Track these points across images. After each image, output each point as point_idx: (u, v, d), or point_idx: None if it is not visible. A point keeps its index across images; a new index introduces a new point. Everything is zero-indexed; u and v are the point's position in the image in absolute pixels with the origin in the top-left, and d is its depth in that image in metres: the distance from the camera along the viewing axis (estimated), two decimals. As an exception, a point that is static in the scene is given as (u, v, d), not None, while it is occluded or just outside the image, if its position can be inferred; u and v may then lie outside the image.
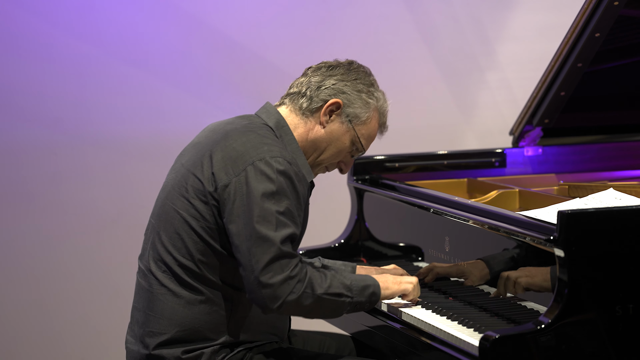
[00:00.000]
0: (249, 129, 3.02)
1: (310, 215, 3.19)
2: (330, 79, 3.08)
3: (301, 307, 2.89)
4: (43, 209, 5.19)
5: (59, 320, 5.24)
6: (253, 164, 2.89)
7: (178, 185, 2.99)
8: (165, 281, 2.95)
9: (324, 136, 3.09)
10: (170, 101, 5.29)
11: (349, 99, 3.07)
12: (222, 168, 2.92)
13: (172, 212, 2.97)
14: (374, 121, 3.12)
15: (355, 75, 3.10)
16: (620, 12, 3.71)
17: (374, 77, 3.16)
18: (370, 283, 3.02)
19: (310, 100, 3.07)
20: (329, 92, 3.07)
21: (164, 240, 2.96)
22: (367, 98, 3.09)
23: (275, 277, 2.84)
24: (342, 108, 3.07)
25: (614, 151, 4.21)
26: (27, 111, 5.13)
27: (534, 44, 5.47)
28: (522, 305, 3.01)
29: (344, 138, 3.10)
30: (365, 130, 3.11)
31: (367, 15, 5.45)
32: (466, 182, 4.03)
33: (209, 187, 2.92)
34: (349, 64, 3.13)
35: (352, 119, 3.08)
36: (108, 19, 5.18)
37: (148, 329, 2.96)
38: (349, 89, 3.07)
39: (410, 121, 5.52)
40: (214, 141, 3.00)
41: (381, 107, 3.13)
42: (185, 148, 3.11)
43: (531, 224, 2.91)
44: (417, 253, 3.60)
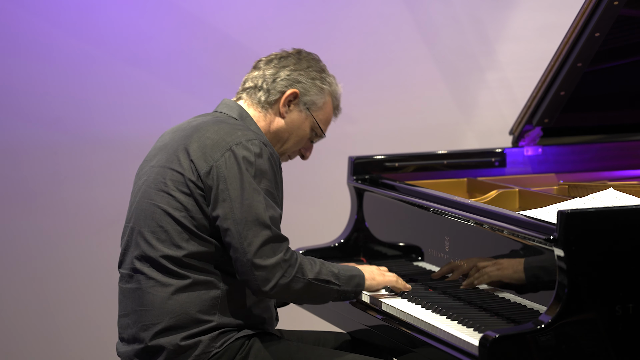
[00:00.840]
0: (218, 120, 3.08)
1: (310, 215, 3.21)
2: (283, 70, 3.17)
3: (291, 290, 2.95)
4: (43, 208, 5.19)
5: (59, 320, 5.24)
6: (230, 148, 2.95)
7: (154, 183, 3.02)
8: (152, 274, 2.97)
9: (285, 126, 3.17)
10: (171, 101, 5.29)
11: (304, 88, 3.16)
12: (201, 156, 2.97)
13: (151, 208, 3.00)
14: (329, 105, 3.22)
15: (307, 64, 3.19)
16: (620, 11, 3.71)
17: (323, 62, 3.25)
18: (356, 273, 3.11)
19: (268, 93, 3.15)
20: (285, 83, 3.16)
21: (146, 236, 2.99)
22: (320, 84, 3.18)
23: (269, 260, 2.90)
24: (299, 97, 3.16)
25: (613, 151, 4.21)
26: (28, 111, 5.14)
27: (534, 44, 5.47)
28: (522, 304, 3.01)
29: (304, 126, 3.19)
30: (322, 116, 3.21)
31: (367, 15, 5.45)
32: (466, 181, 4.03)
33: (191, 176, 2.96)
34: (297, 53, 3.22)
35: (310, 106, 3.17)
36: (109, 19, 5.18)
37: (140, 324, 2.98)
38: (303, 77, 3.16)
39: (410, 121, 5.52)
40: (185, 136, 3.05)
41: (334, 91, 3.23)
42: (149, 154, 3.16)
43: (531, 223, 2.91)
44: (417, 253, 3.61)
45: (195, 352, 2.94)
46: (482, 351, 2.68)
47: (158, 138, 3.19)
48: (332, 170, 5.27)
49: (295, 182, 5.43)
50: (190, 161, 2.97)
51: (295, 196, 5.44)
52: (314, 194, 5.46)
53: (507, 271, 3.06)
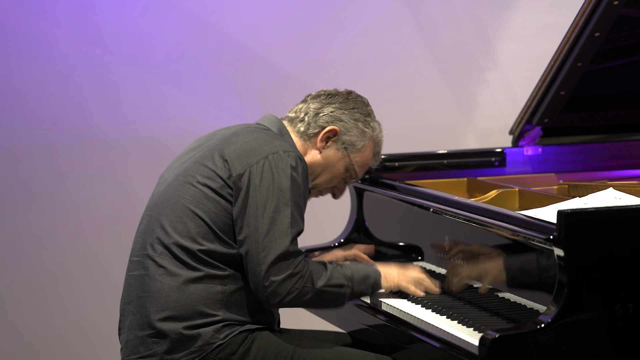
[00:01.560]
0: (256, 129, 3.12)
1: (310, 214, 3.21)
2: (328, 106, 3.19)
3: (301, 301, 2.98)
4: (43, 208, 5.19)
5: (59, 320, 5.24)
6: (267, 157, 2.97)
7: (183, 175, 3.05)
8: (163, 262, 2.99)
9: (319, 161, 3.19)
10: (171, 101, 5.29)
11: (345, 127, 3.18)
12: (236, 158, 2.99)
13: (175, 198, 3.02)
14: (369, 150, 3.24)
15: (353, 105, 3.21)
16: (620, 11, 3.72)
17: (371, 107, 3.27)
18: (372, 273, 3.13)
19: (308, 126, 3.18)
20: (326, 119, 3.18)
21: (164, 224, 3.01)
22: (363, 127, 3.21)
23: (280, 274, 2.92)
24: (339, 135, 3.18)
25: (613, 150, 4.21)
26: (28, 111, 5.14)
27: (534, 44, 5.47)
28: (521, 304, 3.01)
29: (339, 164, 3.21)
30: (359, 158, 3.23)
31: (367, 15, 5.45)
32: (466, 181, 4.03)
33: (222, 173, 2.98)
34: (347, 94, 3.24)
35: (348, 146, 3.19)
36: (109, 19, 5.18)
37: (145, 309, 3.00)
38: (346, 117, 3.18)
39: (410, 120, 5.52)
40: (222, 139, 3.08)
41: (376, 137, 3.26)
42: (181, 153, 3.18)
43: (531, 223, 2.91)
44: (416, 252, 3.61)
45: (198, 342, 2.96)
46: (482, 351, 2.68)
47: (192, 142, 3.22)
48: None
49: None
50: (225, 161, 3.00)
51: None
52: (314, 194, 5.45)
53: (506, 271, 3.07)
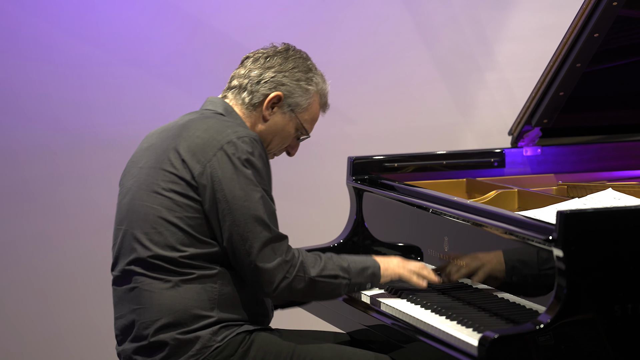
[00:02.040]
0: (206, 117, 3.07)
1: (310, 215, 3.22)
2: (268, 71, 3.15)
3: (294, 290, 2.96)
4: (43, 209, 5.19)
5: (58, 320, 5.24)
6: (222, 148, 2.94)
7: (145, 184, 3.01)
8: (149, 273, 2.97)
9: (268, 128, 3.15)
10: (171, 101, 5.29)
11: (288, 90, 3.14)
12: (192, 157, 2.95)
13: (144, 210, 2.98)
14: (315, 105, 3.20)
15: (293, 64, 3.16)
16: (619, 12, 3.72)
17: (311, 61, 3.22)
18: (370, 264, 3.12)
19: (252, 95, 3.14)
20: (269, 86, 3.14)
21: (140, 238, 2.98)
22: (306, 85, 3.16)
23: (270, 262, 2.91)
24: (283, 100, 3.14)
25: (612, 151, 4.21)
26: (28, 111, 5.14)
27: (533, 44, 5.47)
28: (521, 305, 3.02)
29: (288, 127, 3.17)
30: (307, 116, 3.19)
31: (366, 15, 5.45)
32: (465, 182, 4.03)
33: (184, 175, 2.95)
34: (285, 51, 3.20)
35: (294, 108, 3.15)
36: (108, 19, 5.19)
37: (140, 322, 2.98)
38: (287, 79, 3.14)
39: (410, 121, 5.52)
40: (173, 136, 3.03)
41: (321, 90, 3.21)
42: (134, 155, 3.14)
43: (530, 224, 2.91)
44: (416, 253, 3.61)
45: (196, 346, 2.94)
46: (481, 351, 2.68)
47: (142, 139, 3.17)
48: (332, 171, 5.27)
49: (294, 182, 5.43)
50: (182, 161, 2.96)
51: (295, 196, 5.44)
52: (314, 194, 5.46)
53: (506, 271, 3.07)
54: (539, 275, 2.91)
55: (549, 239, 2.76)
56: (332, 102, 3.33)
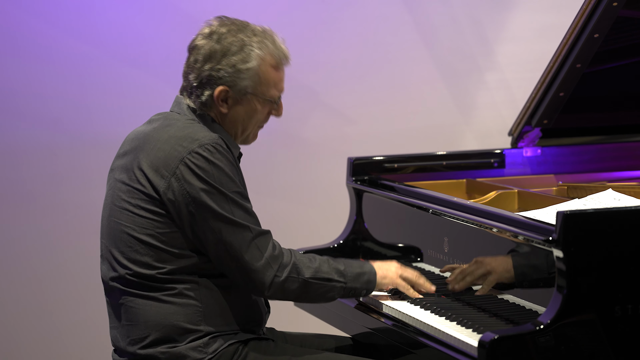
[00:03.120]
0: (166, 124, 2.99)
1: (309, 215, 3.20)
2: (202, 71, 2.96)
3: (287, 291, 2.92)
4: (43, 209, 5.19)
5: (58, 321, 5.24)
6: (183, 159, 2.87)
7: (117, 200, 2.96)
8: (131, 291, 2.93)
9: (233, 120, 3.00)
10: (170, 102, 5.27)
11: (231, 80, 2.95)
12: (155, 173, 2.89)
13: (118, 227, 2.94)
14: (268, 73, 2.99)
15: (224, 50, 2.95)
16: (619, 12, 3.72)
17: (244, 28, 2.99)
18: (367, 270, 3.06)
19: (199, 99, 2.99)
20: (209, 85, 2.96)
21: (118, 257, 2.94)
22: (245, 65, 2.95)
23: (258, 261, 2.87)
24: (230, 90, 2.96)
25: (612, 152, 4.21)
26: (27, 112, 5.14)
27: (533, 45, 5.47)
28: (521, 305, 3.02)
29: (254, 107, 3.00)
30: (264, 87, 2.99)
31: (366, 16, 5.45)
32: (465, 182, 4.03)
33: (151, 192, 2.89)
34: (213, 35, 2.97)
35: (247, 90, 2.97)
36: (108, 20, 5.18)
37: (129, 338, 2.96)
38: (223, 71, 2.95)
39: (409, 122, 5.52)
40: (137, 148, 2.97)
41: (267, 55, 2.98)
42: (114, 160, 3.08)
43: (530, 224, 2.91)
44: (416, 254, 3.61)
45: None
46: (481, 352, 2.68)
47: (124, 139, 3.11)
48: (331, 171, 5.27)
49: (294, 183, 5.43)
50: (147, 178, 2.90)
51: (295, 197, 5.44)
52: (313, 195, 5.46)
53: (506, 272, 3.06)
54: (539, 275, 2.91)
55: (549, 239, 2.76)
56: (332, 102, 3.31)
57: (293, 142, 5.37)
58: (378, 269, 3.10)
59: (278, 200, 5.39)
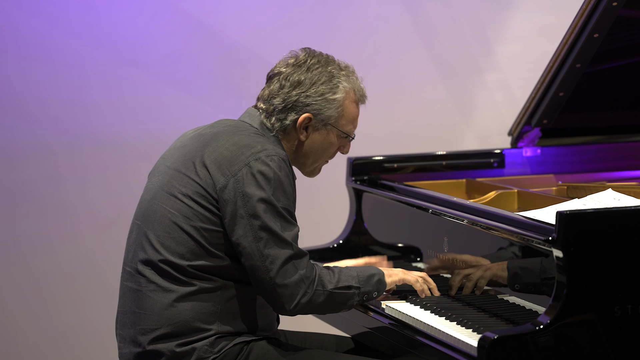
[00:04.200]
0: (238, 129, 3.02)
1: (309, 215, 3.20)
2: (290, 95, 3.03)
3: (314, 305, 2.93)
4: (42, 209, 5.19)
5: (57, 321, 5.24)
6: (249, 164, 2.90)
7: (167, 185, 2.97)
8: (154, 278, 2.94)
9: (309, 148, 3.08)
10: (170, 102, 5.29)
11: (316, 109, 3.04)
12: (218, 169, 2.91)
13: (161, 212, 2.95)
14: (349, 107, 3.08)
15: (314, 78, 3.04)
16: (619, 12, 3.71)
17: (333, 62, 3.10)
18: (375, 272, 3.08)
19: (281, 122, 3.04)
20: (295, 111, 3.03)
21: (152, 240, 2.95)
22: (332, 96, 3.05)
23: (291, 278, 2.88)
24: (314, 119, 3.04)
25: (612, 152, 4.21)
26: (27, 112, 5.13)
27: (533, 45, 5.47)
28: (520, 305, 3.01)
29: (329, 139, 3.09)
30: (344, 121, 3.08)
31: (366, 15, 5.45)
32: (465, 182, 4.03)
33: (207, 186, 2.91)
34: (303, 64, 3.06)
35: (327, 121, 3.06)
36: (107, 20, 5.18)
37: (139, 327, 2.95)
38: (311, 99, 3.03)
39: (409, 122, 5.52)
40: (203, 143, 2.99)
41: (351, 90, 3.08)
42: (167, 152, 3.09)
43: (530, 224, 2.91)
44: (415, 254, 3.60)
45: (192, 357, 2.91)
46: (480, 352, 2.67)
47: (179, 136, 3.13)
48: (331, 171, 5.25)
49: (294, 183, 5.43)
50: (207, 172, 2.92)
51: (294, 197, 5.43)
52: (313, 195, 5.45)
53: (505, 272, 3.06)
54: (538, 275, 2.91)
55: (549, 239, 2.76)
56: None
57: (293, 142, 5.36)
58: (383, 269, 3.13)
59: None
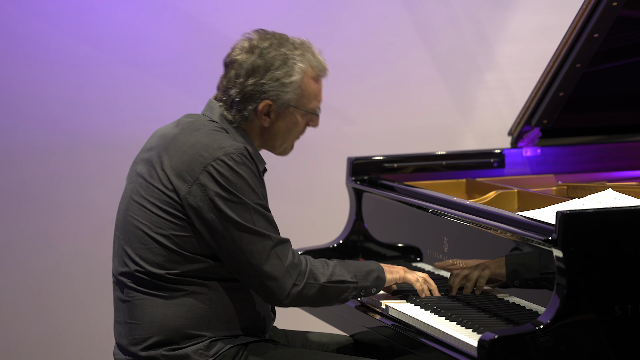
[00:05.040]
0: (195, 128, 2.98)
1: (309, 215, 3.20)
2: (246, 86, 2.98)
3: (306, 297, 2.92)
4: (42, 209, 5.19)
5: (57, 321, 5.24)
6: (208, 167, 2.87)
7: (137, 195, 2.96)
8: (140, 288, 2.93)
9: (275, 131, 3.03)
10: (169, 102, 5.29)
11: (275, 94, 2.98)
12: (178, 177, 2.89)
13: (135, 223, 2.94)
14: (310, 84, 3.02)
15: (268, 64, 2.97)
16: (619, 12, 3.71)
17: (286, 43, 3.02)
18: (374, 268, 3.08)
19: (241, 113, 2.99)
20: (253, 100, 2.98)
21: (130, 253, 2.94)
22: (288, 79, 2.98)
23: (277, 269, 2.87)
24: (274, 104, 2.98)
25: (612, 152, 4.21)
26: (26, 112, 5.13)
27: (533, 45, 5.47)
28: (520, 305, 3.01)
29: (294, 120, 3.03)
30: (306, 100, 3.02)
31: (366, 15, 5.45)
32: (465, 182, 4.03)
33: (171, 194, 2.89)
34: (255, 50, 2.99)
35: (289, 103, 3.00)
36: (107, 20, 5.18)
37: (132, 337, 2.95)
38: (268, 86, 2.97)
39: (409, 122, 5.52)
40: (164, 147, 2.96)
41: (308, 68, 3.02)
42: (138, 155, 3.06)
43: (530, 224, 2.91)
44: (415, 254, 3.60)
45: None
46: (480, 352, 2.67)
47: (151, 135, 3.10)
48: (331, 171, 5.27)
49: (294, 182, 5.43)
50: (169, 180, 2.89)
51: (294, 197, 5.43)
52: (313, 195, 5.46)
53: (504, 269, 3.06)
54: (538, 275, 2.91)
55: (549, 239, 2.76)
56: (332, 102, 3.31)
57: (293, 142, 5.37)
58: (384, 265, 3.13)
59: (277, 200, 5.38)
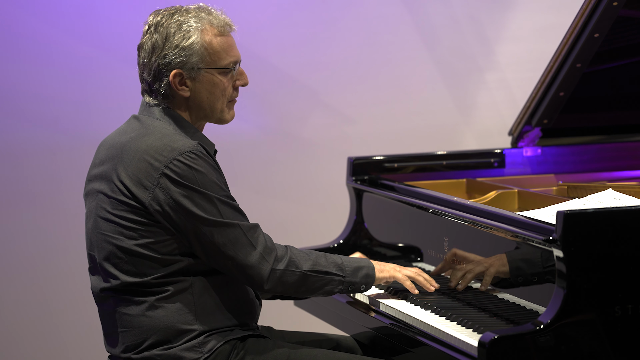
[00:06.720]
0: (143, 133, 2.97)
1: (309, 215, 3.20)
2: (150, 63, 2.99)
3: (287, 284, 2.93)
4: (43, 209, 5.19)
5: (57, 321, 5.24)
6: (164, 170, 2.86)
7: (102, 212, 2.95)
8: (125, 297, 2.93)
9: (198, 98, 2.99)
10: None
11: (180, 62, 2.95)
12: (137, 185, 2.88)
13: (108, 240, 2.93)
14: (214, 41, 2.97)
15: (163, 37, 2.96)
16: (619, 12, 3.72)
17: (178, 13, 2.98)
18: (365, 264, 3.07)
19: (159, 92, 3.00)
20: (163, 74, 2.97)
21: (110, 270, 2.93)
22: (187, 42, 2.94)
23: (252, 257, 2.89)
24: (184, 72, 2.96)
25: (613, 152, 4.21)
26: (27, 112, 5.14)
27: (533, 45, 5.47)
28: (521, 305, 3.01)
29: (213, 80, 2.99)
30: (215, 57, 2.97)
31: (366, 16, 5.45)
32: (465, 182, 4.03)
33: (135, 203, 2.89)
34: (152, 27, 2.99)
35: (199, 66, 2.96)
36: (108, 20, 5.18)
37: (125, 344, 2.95)
38: (170, 56, 2.95)
39: (409, 121, 5.52)
40: (116, 159, 2.95)
41: (206, 26, 2.97)
42: (89, 172, 3.06)
43: (530, 224, 2.91)
44: (416, 253, 3.60)
45: None
46: (481, 352, 2.67)
47: (97, 147, 3.08)
48: (331, 171, 5.28)
49: (294, 183, 5.43)
50: (129, 190, 2.89)
51: (295, 197, 5.44)
52: (313, 195, 5.46)
53: (506, 272, 3.07)
54: (539, 275, 2.91)
55: (549, 239, 2.76)
56: (332, 102, 3.31)
57: (293, 142, 5.37)
58: (376, 263, 3.12)
59: (278, 200, 5.39)
